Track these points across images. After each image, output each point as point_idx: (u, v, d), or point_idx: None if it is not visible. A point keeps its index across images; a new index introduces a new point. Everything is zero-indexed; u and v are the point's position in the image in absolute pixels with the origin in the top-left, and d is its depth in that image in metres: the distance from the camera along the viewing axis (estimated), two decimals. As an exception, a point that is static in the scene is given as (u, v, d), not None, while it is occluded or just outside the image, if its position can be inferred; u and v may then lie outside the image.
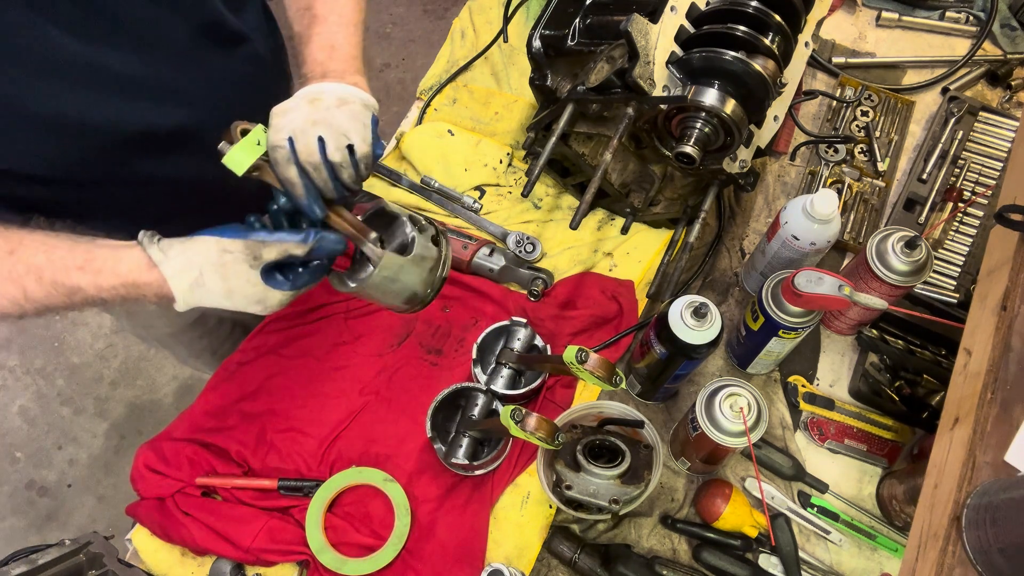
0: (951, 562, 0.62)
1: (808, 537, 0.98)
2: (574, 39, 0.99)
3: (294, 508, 0.98)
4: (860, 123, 1.27)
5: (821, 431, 1.03)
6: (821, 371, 1.09)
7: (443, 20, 2.96)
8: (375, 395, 1.06)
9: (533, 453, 1.00)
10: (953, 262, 1.15)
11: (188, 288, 0.71)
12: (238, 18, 0.91)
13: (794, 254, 0.97)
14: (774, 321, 0.91)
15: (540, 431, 0.76)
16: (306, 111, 0.74)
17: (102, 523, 2.14)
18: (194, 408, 1.05)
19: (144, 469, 1.00)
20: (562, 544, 0.95)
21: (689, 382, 1.07)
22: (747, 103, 0.88)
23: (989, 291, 0.77)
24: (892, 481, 0.99)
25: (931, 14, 1.38)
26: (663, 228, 1.18)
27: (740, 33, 0.86)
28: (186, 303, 0.72)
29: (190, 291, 0.71)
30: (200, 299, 0.72)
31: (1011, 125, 1.25)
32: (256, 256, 0.70)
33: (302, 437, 1.02)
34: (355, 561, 0.93)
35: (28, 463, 2.22)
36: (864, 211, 1.20)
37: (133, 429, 2.25)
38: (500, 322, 1.05)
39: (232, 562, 0.95)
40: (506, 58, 1.34)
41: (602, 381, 0.77)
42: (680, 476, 1.02)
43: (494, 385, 1.00)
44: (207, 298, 0.71)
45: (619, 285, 1.12)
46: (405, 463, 1.01)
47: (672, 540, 0.98)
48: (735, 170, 0.98)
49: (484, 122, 1.29)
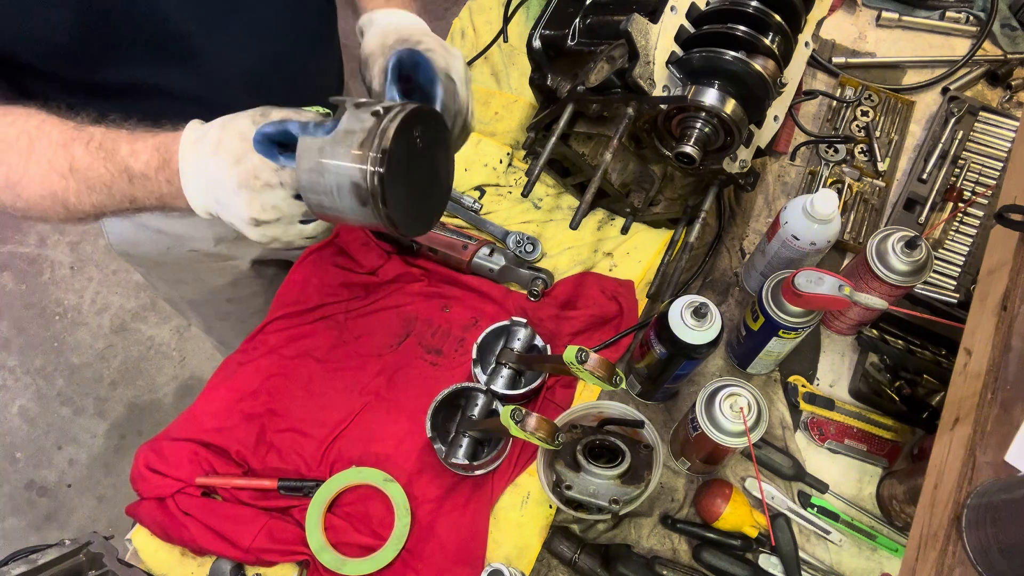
0: (951, 562, 0.62)
1: (808, 537, 0.98)
2: (574, 39, 0.99)
3: (294, 508, 0.98)
4: (860, 123, 1.27)
5: (821, 431, 1.03)
6: (821, 371, 1.09)
7: (443, 20, 2.95)
8: (375, 395, 1.06)
9: (533, 453, 1.00)
10: (953, 262, 1.15)
11: (192, 143, 0.66)
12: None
13: (794, 254, 0.97)
14: (774, 321, 0.91)
15: (540, 431, 0.76)
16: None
17: (102, 523, 2.14)
18: (194, 408, 1.05)
19: (144, 469, 1.00)
20: (562, 544, 0.94)
21: (689, 382, 1.07)
22: (747, 103, 0.88)
23: (989, 291, 0.77)
24: (892, 481, 0.99)
25: (931, 14, 1.38)
26: (663, 228, 1.18)
27: (740, 33, 0.86)
28: (185, 161, 0.66)
29: (193, 146, 0.66)
30: (199, 157, 0.65)
31: (1011, 125, 1.25)
32: (263, 114, 0.65)
33: (302, 437, 1.02)
34: (355, 561, 0.93)
35: (28, 463, 2.22)
36: (864, 211, 1.20)
37: (133, 429, 2.25)
38: (500, 322, 1.05)
39: (232, 562, 0.95)
40: (506, 58, 1.34)
41: (602, 381, 0.78)
42: (680, 476, 1.02)
43: (494, 385, 1.00)
44: (203, 154, 0.65)
45: (619, 285, 1.12)
46: (405, 463, 1.01)
47: (672, 540, 0.98)
48: (735, 170, 0.98)
49: (484, 122, 1.29)
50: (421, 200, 0.68)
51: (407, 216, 0.64)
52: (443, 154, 0.72)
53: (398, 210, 0.62)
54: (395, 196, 0.61)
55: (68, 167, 0.70)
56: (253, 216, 0.64)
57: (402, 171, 0.61)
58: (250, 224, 0.65)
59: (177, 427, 1.04)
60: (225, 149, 0.64)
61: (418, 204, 0.68)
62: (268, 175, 0.63)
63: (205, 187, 0.66)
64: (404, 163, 0.61)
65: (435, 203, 0.72)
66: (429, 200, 0.71)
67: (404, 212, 0.63)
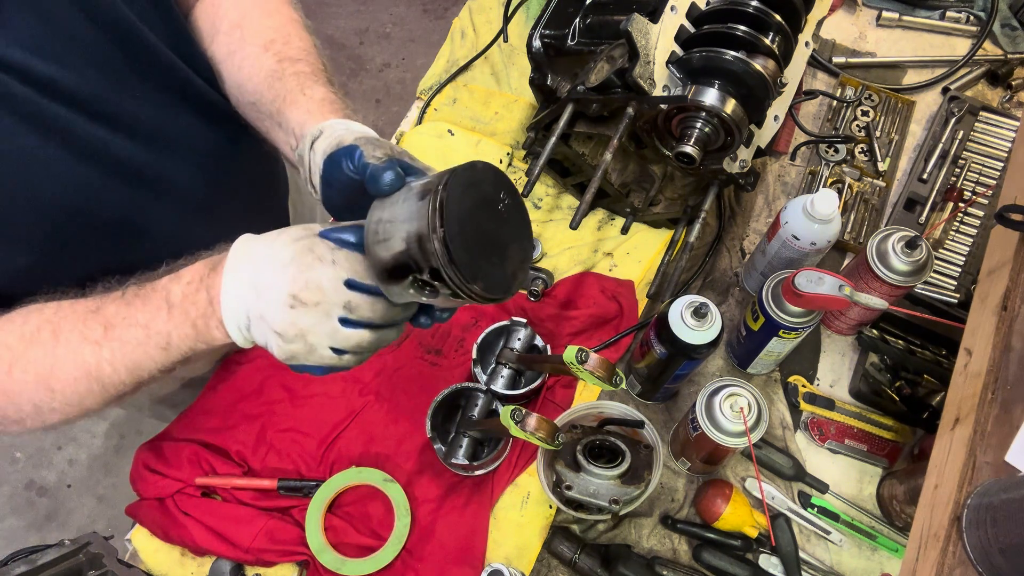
0: (951, 562, 0.62)
1: (808, 537, 0.98)
2: (574, 39, 0.99)
3: (294, 508, 0.98)
4: (860, 123, 1.27)
5: (821, 431, 1.03)
6: (821, 371, 1.09)
7: (443, 20, 2.96)
8: (375, 395, 1.06)
9: (533, 453, 1.00)
10: (953, 262, 1.15)
11: (249, 238, 0.60)
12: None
13: (794, 254, 0.97)
14: (774, 321, 0.91)
15: (540, 431, 0.76)
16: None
17: (102, 523, 2.14)
18: (194, 408, 1.05)
19: (144, 469, 1.00)
20: (562, 544, 0.94)
21: (689, 382, 1.07)
22: (747, 103, 0.88)
23: (989, 291, 0.77)
24: (892, 481, 0.99)
25: (931, 14, 1.37)
26: (663, 228, 1.18)
27: (740, 33, 0.86)
28: (236, 253, 0.60)
29: (248, 241, 0.60)
30: (251, 245, 0.60)
31: (1011, 125, 1.25)
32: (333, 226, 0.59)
33: (302, 437, 1.02)
34: (355, 561, 0.93)
35: (28, 463, 2.22)
36: (864, 211, 1.20)
37: (133, 429, 2.25)
38: (500, 322, 1.05)
39: (232, 562, 0.95)
40: (506, 58, 1.34)
41: (602, 381, 0.77)
42: (680, 476, 1.01)
43: (494, 385, 1.00)
44: (258, 241, 0.60)
45: (619, 285, 1.12)
46: (405, 463, 1.01)
47: (672, 540, 0.98)
48: (735, 170, 0.98)
49: (484, 122, 1.29)
50: (491, 254, 0.59)
51: (471, 258, 0.56)
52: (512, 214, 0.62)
53: (462, 252, 0.55)
54: (461, 241, 0.54)
55: (102, 329, 0.64)
56: (293, 293, 0.57)
57: (468, 222, 0.56)
58: (284, 307, 0.57)
59: (177, 427, 1.04)
60: (288, 234, 0.60)
61: (487, 256, 0.59)
62: (323, 250, 0.58)
63: (248, 277, 0.59)
64: (468, 216, 0.56)
65: (511, 264, 0.61)
66: (501, 256, 0.60)
67: (469, 256, 0.56)
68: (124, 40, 0.72)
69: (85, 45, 0.68)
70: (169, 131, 0.80)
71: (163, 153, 0.79)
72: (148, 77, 0.75)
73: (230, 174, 0.91)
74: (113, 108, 0.72)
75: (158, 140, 0.78)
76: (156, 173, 0.79)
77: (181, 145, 0.82)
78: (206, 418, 1.04)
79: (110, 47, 0.71)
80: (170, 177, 0.81)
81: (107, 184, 0.74)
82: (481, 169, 0.58)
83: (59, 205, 0.70)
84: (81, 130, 0.70)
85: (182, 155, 0.82)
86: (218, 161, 0.88)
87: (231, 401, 1.05)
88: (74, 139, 0.69)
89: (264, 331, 0.59)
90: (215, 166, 0.87)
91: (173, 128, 0.80)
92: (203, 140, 0.85)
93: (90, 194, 0.73)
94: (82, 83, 0.68)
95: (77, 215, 0.72)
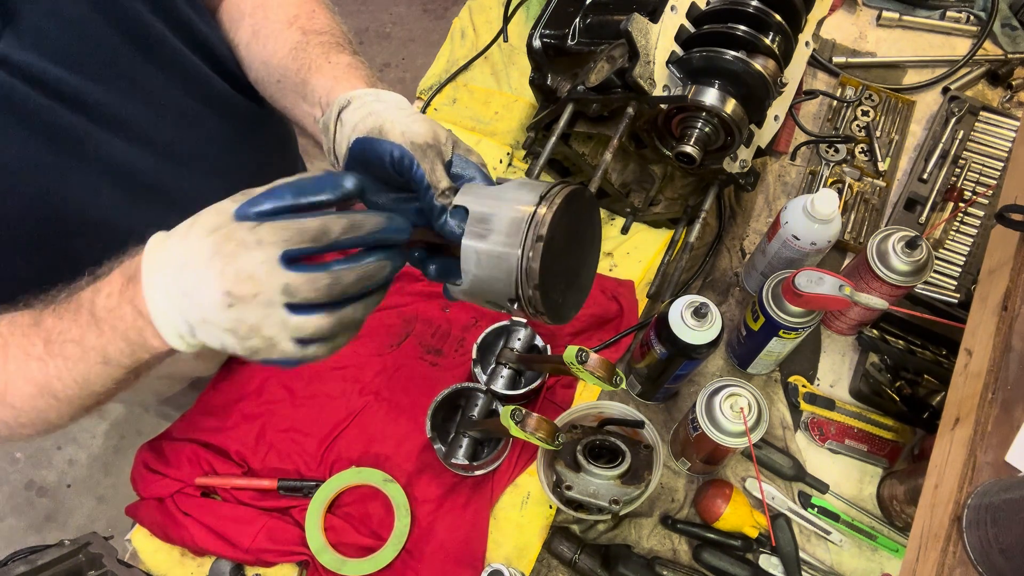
0: (952, 562, 0.62)
1: (808, 537, 0.98)
2: (574, 39, 0.99)
3: (294, 508, 0.98)
4: (860, 123, 1.27)
5: (821, 431, 1.03)
6: (821, 371, 1.09)
7: (443, 20, 2.96)
8: (375, 395, 1.06)
9: (533, 453, 1.00)
10: (954, 262, 1.15)
11: (160, 242, 0.54)
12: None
13: (794, 254, 0.97)
14: (774, 321, 0.91)
15: (540, 431, 0.76)
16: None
17: (101, 523, 2.14)
18: (194, 408, 1.05)
19: (144, 469, 1.00)
20: (562, 544, 0.94)
21: (689, 382, 1.07)
22: (747, 103, 0.88)
23: (990, 291, 0.77)
24: (893, 481, 0.99)
25: (932, 14, 1.37)
26: (663, 228, 1.18)
27: (740, 33, 0.86)
28: (149, 261, 0.53)
29: (160, 244, 0.53)
30: (166, 249, 0.53)
31: (1012, 125, 1.25)
32: (244, 193, 0.53)
33: (302, 437, 1.02)
34: (355, 561, 0.93)
35: (27, 463, 2.22)
36: (864, 211, 1.20)
37: (133, 429, 2.25)
38: (500, 322, 1.05)
39: (232, 562, 0.95)
40: (506, 58, 1.34)
41: (602, 381, 0.77)
42: (680, 476, 1.01)
43: (494, 385, 1.00)
44: (171, 245, 0.53)
45: (619, 285, 1.12)
46: (405, 463, 1.01)
47: (672, 540, 0.98)
48: (735, 170, 0.98)
49: (484, 122, 1.29)
50: (567, 278, 0.59)
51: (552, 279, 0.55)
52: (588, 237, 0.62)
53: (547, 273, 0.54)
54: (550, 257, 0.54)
55: (42, 344, 0.58)
56: (226, 289, 0.50)
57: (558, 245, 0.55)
58: (222, 307, 0.50)
59: (177, 427, 1.04)
60: (200, 225, 0.52)
61: (563, 290, 0.58)
62: (243, 234, 0.50)
63: (172, 282, 0.52)
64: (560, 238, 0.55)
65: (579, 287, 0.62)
66: (572, 283, 0.60)
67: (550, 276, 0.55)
68: (146, 45, 0.72)
69: (105, 51, 0.68)
70: (189, 141, 0.80)
71: (181, 164, 0.80)
72: (171, 84, 0.76)
73: (249, 185, 0.91)
74: (130, 116, 0.72)
75: (176, 153, 0.78)
76: (174, 184, 0.80)
77: (200, 155, 0.82)
78: (206, 418, 1.04)
79: (131, 53, 0.71)
80: (185, 188, 0.81)
81: (115, 194, 0.74)
82: (583, 196, 0.57)
83: (67, 213, 0.70)
84: (96, 139, 0.69)
85: (200, 166, 0.82)
86: (238, 172, 0.88)
87: (231, 401, 1.05)
88: (87, 148, 0.69)
89: (215, 334, 0.53)
90: (235, 177, 0.87)
91: (193, 138, 0.80)
92: (226, 150, 0.85)
93: (101, 203, 0.72)
94: (99, 90, 0.68)
95: (86, 224, 0.72)
